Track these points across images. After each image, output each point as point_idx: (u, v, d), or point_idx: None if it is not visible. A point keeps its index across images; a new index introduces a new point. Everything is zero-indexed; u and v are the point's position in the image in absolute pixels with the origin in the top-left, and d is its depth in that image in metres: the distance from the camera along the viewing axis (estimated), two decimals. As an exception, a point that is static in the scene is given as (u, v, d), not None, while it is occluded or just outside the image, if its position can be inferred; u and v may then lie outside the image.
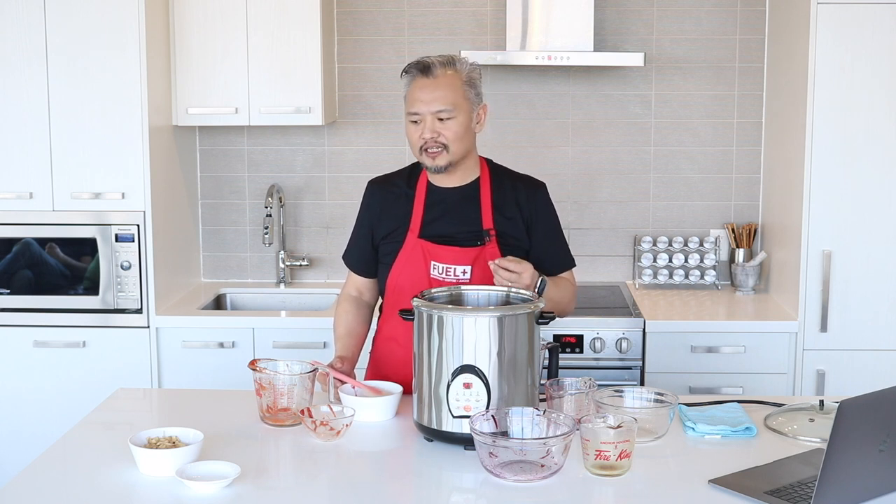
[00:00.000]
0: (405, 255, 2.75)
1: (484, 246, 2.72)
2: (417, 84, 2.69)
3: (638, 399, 2.45)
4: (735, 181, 4.27)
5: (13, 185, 3.77)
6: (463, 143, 2.70)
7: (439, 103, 2.65)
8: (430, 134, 2.66)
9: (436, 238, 2.74)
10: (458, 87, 2.68)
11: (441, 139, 2.66)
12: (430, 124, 2.66)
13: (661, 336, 3.71)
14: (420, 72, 2.69)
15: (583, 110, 4.26)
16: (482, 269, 2.69)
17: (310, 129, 4.29)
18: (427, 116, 2.66)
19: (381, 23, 4.24)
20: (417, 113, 2.67)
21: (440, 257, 2.72)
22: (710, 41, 4.21)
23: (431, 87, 2.66)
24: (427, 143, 2.67)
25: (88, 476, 2.19)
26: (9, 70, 3.71)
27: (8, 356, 3.81)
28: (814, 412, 2.47)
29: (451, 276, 2.71)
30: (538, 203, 2.81)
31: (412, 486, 2.19)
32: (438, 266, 2.72)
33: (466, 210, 2.76)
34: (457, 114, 2.66)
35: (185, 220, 4.20)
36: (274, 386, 2.47)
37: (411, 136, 2.71)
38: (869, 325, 3.67)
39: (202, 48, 3.92)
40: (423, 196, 2.79)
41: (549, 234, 2.83)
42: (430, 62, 2.69)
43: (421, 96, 2.67)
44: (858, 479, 1.96)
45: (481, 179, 2.79)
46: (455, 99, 2.67)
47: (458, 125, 2.67)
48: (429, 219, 2.76)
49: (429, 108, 2.66)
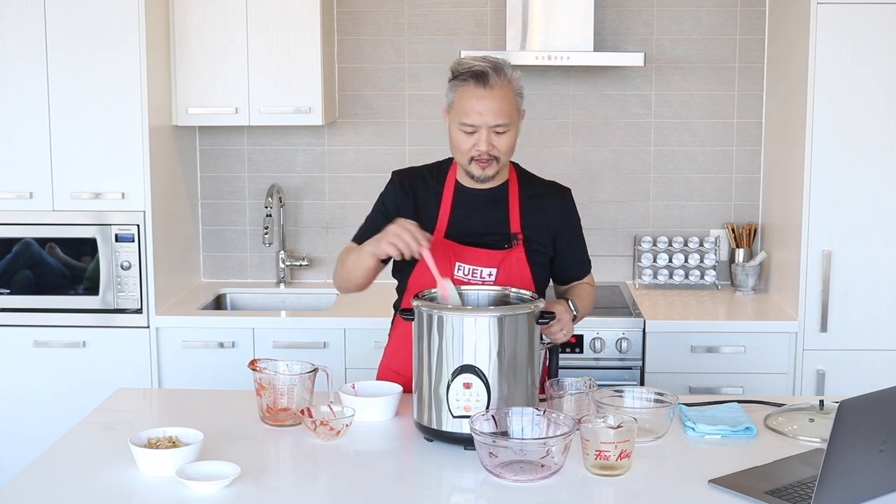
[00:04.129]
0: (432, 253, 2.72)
1: (511, 249, 2.70)
2: (472, 93, 2.57)
3: (638, 399, 2.45)
4: (735, 181, 4.27)
5: (13, 185, 3.77)
6: (512, 153, 2.67)
7: (498, 117, 2.57)
8: (485, 146, 2.59)
9: (462, 238, 2.71)
10: (513, 99, 2.60)
11: (494, 152, 2.61)
12: (487, 137, 2.58)
13: (661, 336, 3.71)
14: (475, 80, 2.57)
15: (583, 110, 4.26)
16: (507, 272, 2.67)
17: (310, 129, 4.29)
18: (484, 129, 2.58)
19: (381, 23, 4.24)
20: (474, 125, 2.58)
21: (466, 258, 2.69)
22: (710, 41, 4.21)
23: (489, 99, 2.56)
24: (481, 154, 2.61)
25: (88, 476, 2.19)
26: (9, 70, 3.71)
27: (8, 356, 3.81)
28: (814, 412, 2.47)
29: (476, 277, 2.68)
30: (566, 210, 2.81)
31: (412, 486, 2.19)
32: (464, 267, 2.68)
33: (494, 212, 2.73)
34: (511, 126, 2.60)
35: (185, 220, 4.20)
36: (274, 386, 2.47)
37: (462, 144, 2.62)
38: (869, 325, 3.67)
39: (202, 48, 3.92)
40: (451, 195, 2.74)
41: (575, 240, 2.85)
42: (484, 70, 2.57)
43: (478, 107, 2.56)
44: (858, 479, 1.96)
45: (510, 183, 2.76)
46: (510, 111, 2.59)
47: (511, 138, 2.62)
48: (455, 219, 2.73)
49: (486, 121, 2.57)
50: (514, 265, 2.69)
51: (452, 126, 2.64)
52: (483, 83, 2.57)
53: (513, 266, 2.69)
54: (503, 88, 2.58)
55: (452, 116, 2.63)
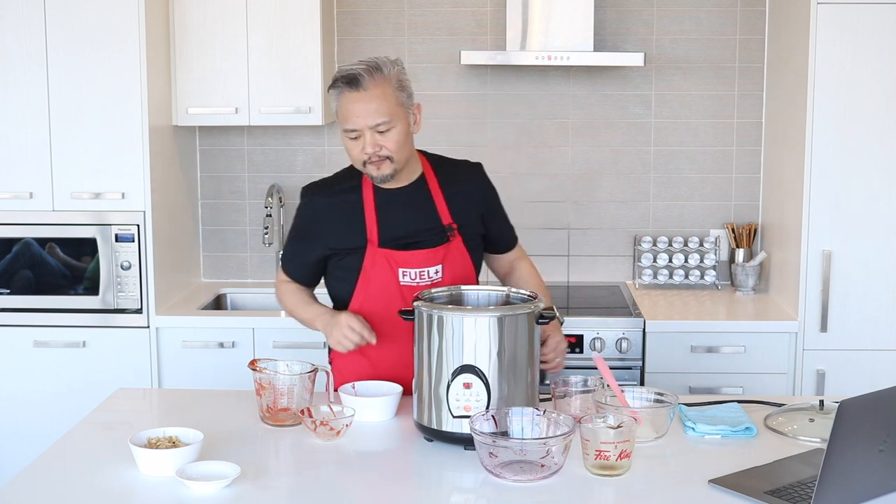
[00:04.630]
0: (370, 267, 2.68)
1: (449, 242, 2.70)
2: (347, 98, 2.56)
3: (638, 399, 2.45)
4: (735, 181, 4.27)
5: (13, 185, 3.77)
6: (405, 150, 2.63)
7: (376, 116, 2.55)
8: (371, 149, 2.57)
9: (398, 243, 2.68)
10: (391, 94, 2.57)
11: (383, 152, 2.58)
12: (371, 138, 2.57)
13: (661, 336, 3.71)
14: (347, 85, 2.56)
15: (583, 110, 4.26)
16: (452, 266, 2.69)
17: (310, 129, 4.29)
18: (365, 131, 2.57)
19: (381, 23, 4.24)
20: (355, 128, 2.57)
21: (408, 262, 2.67)
22: (710, 41, 4.21)
23: (364, 101, 2.55)
24: (370, 157, 2.59)
25: (88, 476, 2.19)
26: (9, 70, 3.71)
27: (8, 356, 3.81)
28: (814, 412, 2.47)
29: (424, 279, 2.67)
30: (483, 185, 2.83)
31: (412, 486, 2.19)
32: (409, 272, 2.67)
33: (421, 209, 2.71)
34: (394, 123, 2.57)
35: (185, 220, 4.20)
36: (274, 386, 2.47)
37: (352, 151, 2.61)
38: (869, 325, 3.67)
39: (202, 48, 3.92)
40: (372, 201, 2.70)
41: (499, 212, 2.87)
42: (356, 73, 2.55)
43: (354, 111, 2.55)
44: (858, 479, 1.96)
45: (426, 175, 2.74)
46: (390, 108, 2.56)
47: (398, 134, 2.58)
48: (384, 224, 2.68)
49: (366, 123, 2.55)
50: (457, 257, 2.71)
51: (342, 134, 2.63)
52: (356, 86, 2.55)
53: (455, 259, 2.70)
54: (378, 87, 2.56)
55: (340, 123, 2.62)
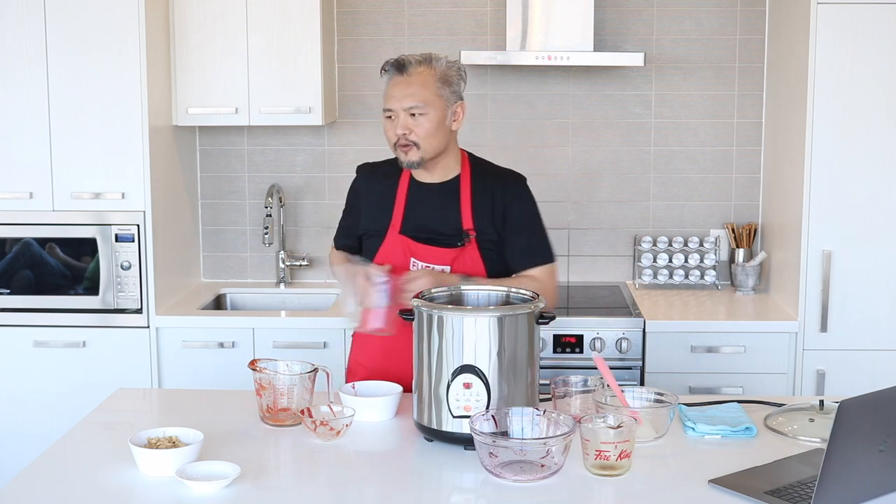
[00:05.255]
0: (386, 250, 2.78)
1: (464, 247, 2.74)
2: (392, 81, 2.72)
3: (638, 399, 2.44)
4: (735, 181, 4.27)
5: (13, 185, 3.77)
6: (435, 141, 2.71)
7: (410, 100, 2.68)
8: (401, 130, 2.69)
9: (416, 235, 2.76)
10: (431, 84, 2.70)
11: (412, 136, 2.69)
12: (402, 120, 2.69)
13: (661, 336, 3.71)
14: (396, 69, 2.72)
15: (583, 110, 4.26)
16: (461, 269, 2.73)
17: (310, 129, 4.29)
18: (399, 113, 2.69)
19: (381, 23, 4.24)
20: (391, 109, 2.70)
21: (420, 255, 2.75)
22: (710, 41, 4.21)
23: (404, 85, 2.69)
24: (399, 138, 2.70)
25: (88, 476, 2.19)
26: (9, 70, 3.71)
27: (8, 356, 3.81)
28: (814, 412, 2.47)
29: None
30: (513, 195, 2.80)
31: (412, 486, 2.19)
32: (418, 264, 2.75)
33: (447, 208, 2.77)
34: (428, 110, 2.69)
35: (185, 220, 4.20)
36: (274, 386, 2.47)
37: (387, 132, 2.74)
38: (869, 325, 3.67)
39: (202, 48, 3.92)
40: (406, 190, 2.81)
41: (521, 226, 2.79)
42: (406, 59, 2.72)
43: (394, 93, 2.71)
44: (858, 479, 1.96)
45: (462, 177, 2.80)
46: (426, 96, 2.68)
47: (428, 122, 2.69)
48: (409, 214, 2.79)
49: (400, 105, 2.69)
50: (468, 262, 2.73)
51: (382, 116, 2.76)
52: (402, 71, 2.71)
53: (466, 263, 2.73)
54: (422, 75, 2.70)
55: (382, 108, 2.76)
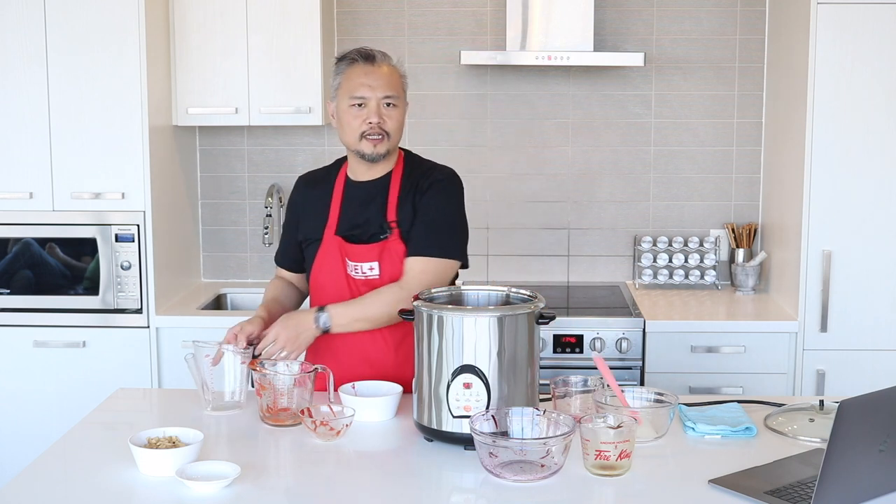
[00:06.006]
0: (323, 254, 2.76)
1: (387, 239, 2.70)
2: (360, 70, 2.68)
3: (638, 399, 2.44)
4: (735, 181, 4.27)
5: (13, 185, 3.77)
6: (399, 135, 2.74)
7: (388, 89, 2.67)
8: (377, 118, 2.66)
9: (348, 234, 2.74)
10: (398, 79, 2.73)
11: (386, 126, 2.67)
12: (377, 109, 2.67)
13: (661, 336, 3.71)
14: (363, 59, 2.69)
15: (583, 110, 4.26)
16: (388, 263, 2.68)
17: (310, 129, 4.29)
18: (372, 101, 2.66)
19: (381, 23, 4.24)
20: (364, 97, 2.66)
21: (352, 254, 2.72)
22: (710, 41, 4.21)
23: (377, 74, 2.68)
24: (372, 128, 2.66)
25: (88, 476, 2.19)
26: (9, 70, 3.71)
27: (8, 356, 3.81)
28: (814, 412, 2.47)
29: (360, 273, 2.71)
30: (429, 185, 2.73)
31: (412, 486, 2.19)
32: (351, 264, 2.73)
33: (375, 203, 2.74)
34: (399, 103, 2.71)
35: (185, 220, 4.20)
36: (274, 386, 2.47)
37: (352, 121, 2.68)
38: (869, 325, 3.67)
39: (202, 48, 3.92)
40: (341, 191, 2.79)
41: (425, 214, 2.70)
42: (372, 52, 2.71)
43: (368, 81, 2.67)
44: (858, 479, 1.96)
45: (394, 172, 2.77)
46: (398, 88, 2.71)
47: (400, 114, 2.71)
48: (343, 214, 2.77)
49: (376, 94, 2.67)
50: (395, 255, 2.70)
51: (341, 107, 2.70)
52: (370, 61, 2.70)
53: (393, 257, 2.70)
54: (389, 68, 2.72)
55: (341, 97, 2.71)
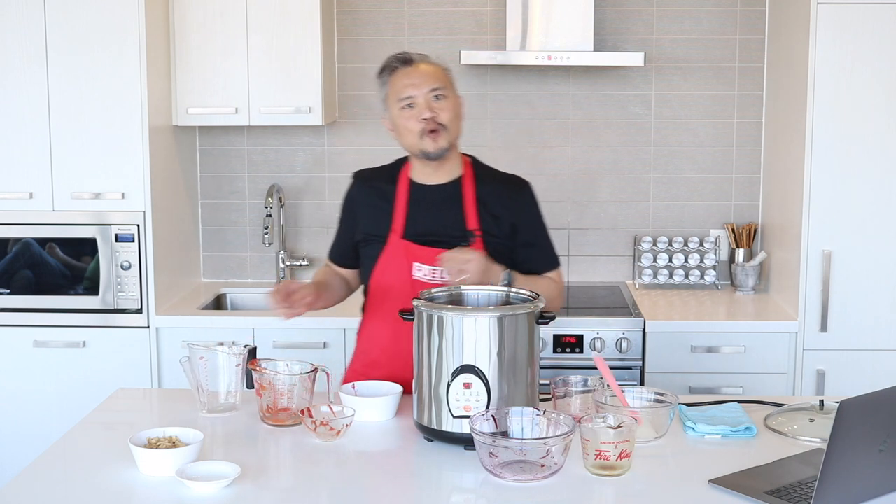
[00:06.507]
0: (388, 256, 2.73)
1: (467, 248, 2.68)
2: (402, 73, 2.70)
3: (638, 399, 2.44)
4: (735, 181, 4.27)
5: (13, 185, 3.77)
6: (457, 127, 2.72)
7: (432, 82, 2.68)
8: (429, 113, 2.65)
9: (419, 239, 2.72)
10: (442, 73, 2.73)
11: (440, 119, 2.66)
12: (427, 104, 2.66)
13: (661, 336, 3.71)
14: (402, 63, 2.71)
15: (583, 110, 4.26)
16: None
17: (310, 129, 4.29)
18: (420, 98, 2.66)
19: (381, 23, 4.24)
20: (411, 96, 2.67)
21: (425, 259, 2.69)
22: (710, 41, 4.21)
23: (419, 73, 2.69)
24: (427, 123, 2.65)
25: (88, 476, 2.19)
26: (9, 70, 3.71)
27: (8, 356, 3.81)
28: (814, 412, 2.47)
29: (435, 277, 2.68)
30: (523, 201, 2.79)
31: (412, 486, 2.19)
32: (423, 268, 2.70)
33: (450, 209, 2.74)
34: (449, 94, 2.69)
35: (185, 220, 4.20)
36: (274, 386, 2.47)
37: (407, 122, 2.68)
38: (869, 325, 3.67)
39: (202, 48, 3.92)
40: (406, 194, 2.77)
41: (534, 233, 2.80)
42: (409, 54, 2.73)
43: (411, 80, 2.68)
44: (858, 479, 1.96)
45: (464, 177, 2.77)
46: (444, 80, 2.71)
47: (452, 105, 2.70)
48: (412, 218, 2.74)
49: (421, 90, 2.67)
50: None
51: (394, 113, 2.71)
52: (409, 63, 2.71)
53: None
54: (429, 64, 2.73)
55: (391, 106, 2.72)
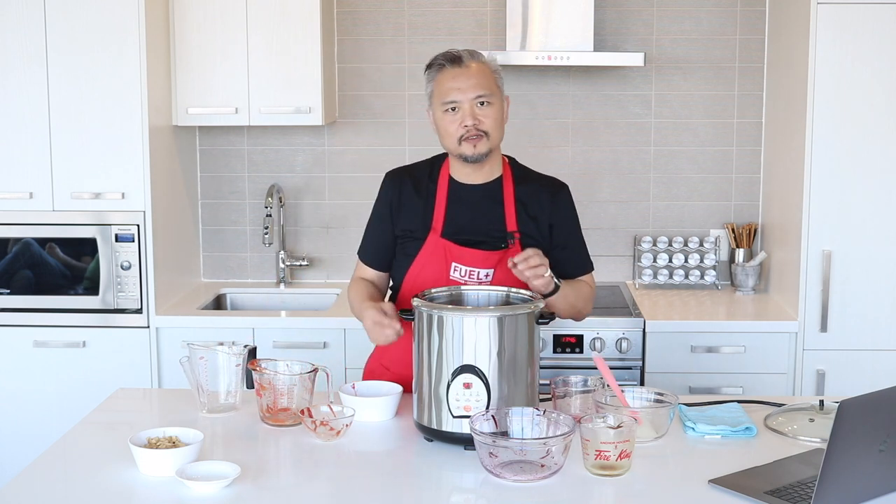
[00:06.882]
0: (426, 254, 2.70)
1: (507, 249, 2.67)
2: (448, 74, 2.63)
3: (638, 399, 2.44)
4: (735, 181, 4.27)
5: (13, 185, 3.77)
6: (500, 131, 2.68)
7: (478, 89, 2.61)
8: (471, 120, 2.61)
9: (458, 238, 2.69)
10: (489, 74, 2.65)
11: (482, 126, 2.62)
12: (470, 110, 2.62)
13: (661, 336, 3.71)
14: (450, 62, 2.64)
15: (583, 110, 4.26)
16: (505, 272, 2.65)
17: (310, 129, 4.29)
18: (465, 104, 2.61)
19: (381, 23, 4.24)
20: (455, 101, 2.62)
21: (463, 259, 2.67)
22: (710, 41, 4.21)
23: (465, 75, 2.62)
24: (468, 130, 2.62)
25: (88, 476, 2.19)
26: (9, 70, 3.71)
27: (8, 356, 3.81)
28: (814, 412, 2.47)
29: (473, 278, 2.67)
30: (561, 205, 2.78)
31: (412, 486, 2.19)
32: (460, 268, 2.68)
33: (490, 210, 2.71)
34: (494, 100, 2.64)
35: (185, 220, 4.20)
36: (274, 386, 2.47)
37: (448, 126, 2.64)
38: (869, 325, 3.67)
39: (202, 48, 3.92)
40: (445, 192, 2.74)
41: (569, 236, 2.80)
42: (459, 53, 2.65)
43: (457, 84, 2.62)
44: (858, 479, 1.96)
45: (504, 178, 2.75)
46: (490, 85, 2.64)
47: (496, 111, 2.65)
48: (451, 217, 2.71)
49: (466, 96, 2.61)
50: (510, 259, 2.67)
51: (437, 113, 2.67)
52: (457, 63, 2.65)
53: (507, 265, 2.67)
54: (478, 66, 2.65)
55: (435, 104, 2.67)
